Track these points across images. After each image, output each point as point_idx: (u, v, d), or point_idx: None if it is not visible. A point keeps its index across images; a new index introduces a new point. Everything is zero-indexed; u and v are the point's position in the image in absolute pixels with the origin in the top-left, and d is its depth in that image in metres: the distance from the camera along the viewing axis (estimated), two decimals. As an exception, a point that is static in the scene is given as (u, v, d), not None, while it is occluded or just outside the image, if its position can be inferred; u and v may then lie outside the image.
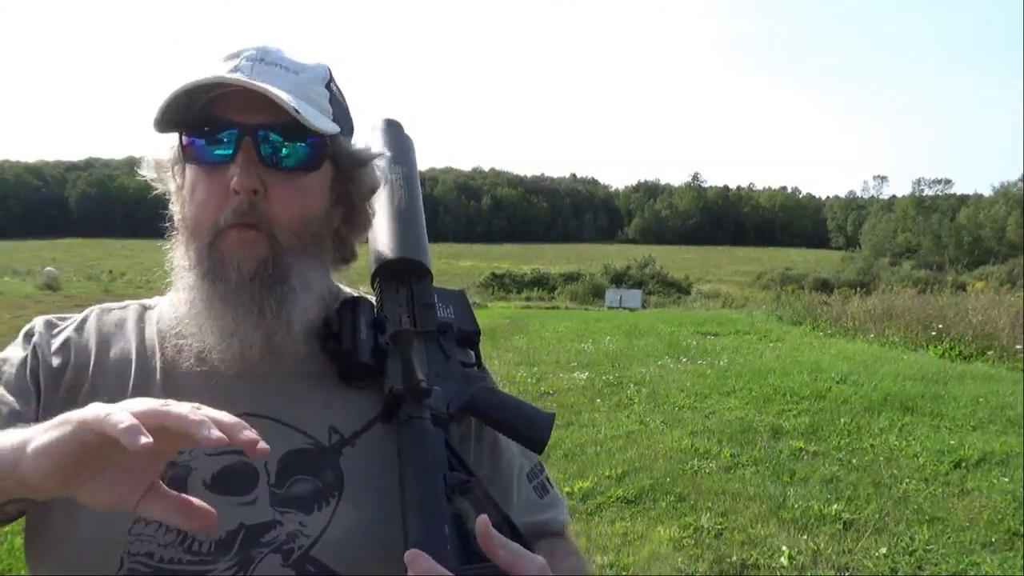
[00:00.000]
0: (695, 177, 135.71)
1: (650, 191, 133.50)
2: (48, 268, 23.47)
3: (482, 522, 0.60)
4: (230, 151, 0.75)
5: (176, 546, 0.71)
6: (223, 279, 0.75)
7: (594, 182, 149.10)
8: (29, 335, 0.84)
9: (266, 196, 0.75)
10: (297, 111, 0.73)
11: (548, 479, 0.94)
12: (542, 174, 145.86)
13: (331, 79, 0.83)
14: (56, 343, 0.82)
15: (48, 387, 0.79)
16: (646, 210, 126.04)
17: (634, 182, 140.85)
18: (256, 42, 0.79)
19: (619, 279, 36.02)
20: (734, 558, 3.68)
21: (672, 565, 3.63)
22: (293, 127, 0.75)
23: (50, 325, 0.85)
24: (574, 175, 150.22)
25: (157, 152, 0.82)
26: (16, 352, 0.82)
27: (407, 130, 1.02)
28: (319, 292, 0.82)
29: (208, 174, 0.76)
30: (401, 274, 0.89)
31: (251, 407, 0.78)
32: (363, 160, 0.84)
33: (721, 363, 9.04)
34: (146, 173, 0.84)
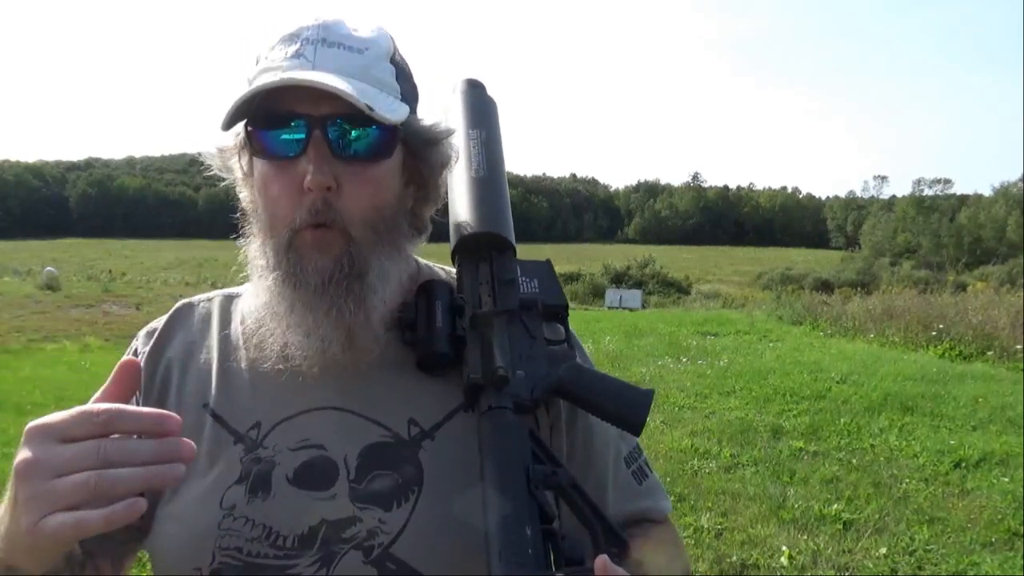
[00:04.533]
0: (695, 177, 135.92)
1: (650, 191, 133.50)
2: (48, 268, 23.40)
3: (600, 563, 0.58)
4: (300, 144, 0.72)
5: (261, 540, 0.72)
6: (304, 283, 0.74)
7: (594, 182, 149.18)
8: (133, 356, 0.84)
9: (339, 191, 0.73)
10: (371, 108, 0.70)
11: (647, 463, 0.89)
12: (542, 174, 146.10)
13: (395, 50, 0.79)
14: (149, 355, 0.84)
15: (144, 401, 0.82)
16: (646, 210, 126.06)
17: (634, 182, 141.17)
18: (315, 17, 0.75)
19: (619, 279, 35.96)
20: (734, 558, 3.68)
21: (672, 565, 3.63)
22: (364, 113, 0.72)
23: (148, 336, 0.87)
24: (574, 175, 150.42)
25: (219, 140, 0.80)
26: None
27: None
28: (397, 279, 0.80)
29: (279, 168, 0.74)
30: (481, 249, 0.83)
31: (330, 401, 0.78)
32: (433, 139, 0.80)
33: (721, 363, 9.02)
34: (212, 163, 0.81)
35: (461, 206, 0.86)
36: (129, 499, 0.57)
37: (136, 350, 0.86)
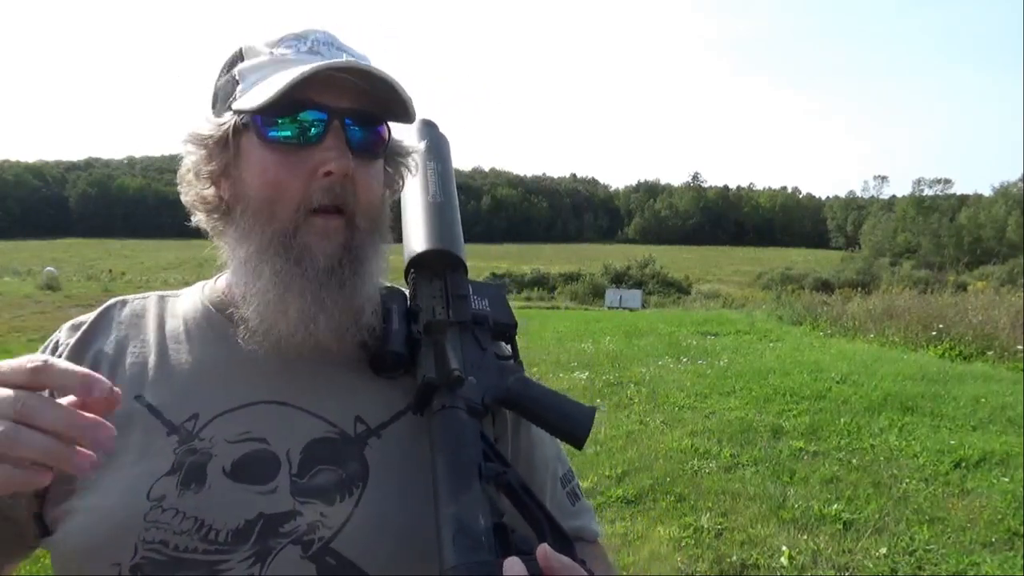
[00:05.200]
0: (695, 177, 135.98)
1: (650, 191, 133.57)
2: (48, 268, 23.41)
3: (541, 552, 0.58)
4: (319, 132, 0.75)
5: (192, 534, 0.68)
6: (311, 267, 0.75)
7: (594, 182, 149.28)
8: (52, 349, 0.83)
9: (352, 180, 0.76)
10: (410, 98, 0.75)
11: (579, 487, 0.92)
12: (542, 174, 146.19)
13: None
14: (74, 346, 0.81)
15: None
16: (646, 210, 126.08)
17: (634, 182, 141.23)
18: (317, 25, 0.80)
19: (619, 279, 36.01)
20: (734, 558, 3.68)
21: (672, 565, 3.63)
22: (368, 114, 0.77)
23: (72, 329, 0.84)
24: (574, 175, 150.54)
25: (195, 126, 0.80)
26: None
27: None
28: (382, 276, 0.83)
29: (287, 155, 0.75)
30: (435, 266, 0.88)
31: (274, 395, 0.77)
32: (405, 152, 0.86)
33: (721, 363, 9.03)
34: (183, 148, 0.81)
35: (417, 227, 0.90)
36: (34, 469, 0.54)
37: (58, 341, 0.83)
